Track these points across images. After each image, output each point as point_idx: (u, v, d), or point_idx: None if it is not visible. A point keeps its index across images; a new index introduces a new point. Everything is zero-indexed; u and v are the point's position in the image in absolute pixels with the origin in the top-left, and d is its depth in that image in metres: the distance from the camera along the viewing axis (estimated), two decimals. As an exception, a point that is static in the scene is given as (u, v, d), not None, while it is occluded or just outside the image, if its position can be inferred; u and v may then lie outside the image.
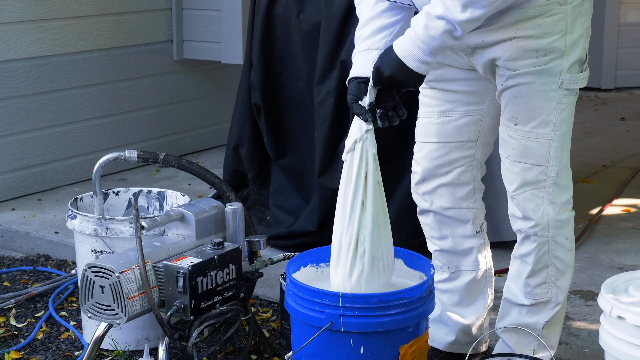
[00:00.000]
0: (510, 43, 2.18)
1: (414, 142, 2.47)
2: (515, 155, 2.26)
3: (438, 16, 2.04)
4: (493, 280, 2.56)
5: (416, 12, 2.21)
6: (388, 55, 2.12)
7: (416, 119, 2.46)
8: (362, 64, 2.20)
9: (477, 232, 2.48)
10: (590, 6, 2.24)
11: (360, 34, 2.25)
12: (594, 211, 3.80)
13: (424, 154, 2.43)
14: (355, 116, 2.15)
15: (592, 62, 2.29)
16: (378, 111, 2.14)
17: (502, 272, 3.09)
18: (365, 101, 2.15)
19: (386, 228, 2.18)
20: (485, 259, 2.52)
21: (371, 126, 2.13)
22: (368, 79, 2.16)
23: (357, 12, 2.30)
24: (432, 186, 2.44)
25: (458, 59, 2.32)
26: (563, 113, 2.22)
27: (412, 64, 2.09)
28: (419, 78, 2.12)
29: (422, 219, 2.51)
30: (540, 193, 2.26)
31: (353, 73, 2.22)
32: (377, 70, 2.13)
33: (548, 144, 2.23)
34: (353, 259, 2.14)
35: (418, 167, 2.45)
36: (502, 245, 3.22)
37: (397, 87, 2.14)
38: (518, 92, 2.21)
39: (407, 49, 2.08)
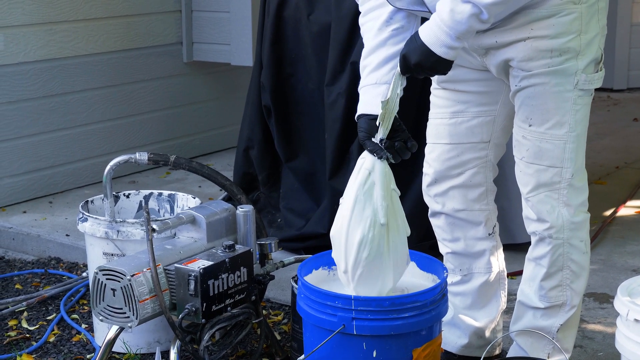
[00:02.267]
0: (524, 43, 2.15)
1: (425, 144, 2.45)
2: (529, 156, 2.24)
3: (464, 0, 2.02)
4: (506, 282, 2.54)
5: (423, 21, 2.19)
6: (414, 42, 2.09)
7: (427, 121, 2.45)
8: (371, 100, 2.19)
9: (489, 234, 2.46)
10: (606, 5, 2.21)
11: (366, 64, 2.23)
12: (608, 213, 3.78)
13: (435, 155, 2.41)
14: (365, 151, 2.14)
15: (604, 63, 2.26)
16: (396, 143, 2.13)
17: (515, 274, 3.07)
18: (377, 137, 2.13)
19: (396, 222, 2.16)
20: (498, 261, 2.50)
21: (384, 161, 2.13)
22: (378, 116, 2.15)
23: (362, 32, 2.27)
24: (443, 188, 2.42)
25: (471, 60, 2.30)
26: (578, 114, 2.20)
27: (439, 50, 2.06)
28: (447, 64, 2.09)
29: (433, 221, 2.49)
30: (555, 195, 2.24)
31: (362, 109, 2.20)
32: (404, 58, 2.10)
33: (563, 145, 2.21)
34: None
35: (429, 168, 2.43)
36: (515, 247, 3.20)
37: (425, 74, 2.13)
38: (532, 93, 2.19)
39: (433, 35, 2.05)
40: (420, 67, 2.09)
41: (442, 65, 2.09)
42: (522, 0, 2.11)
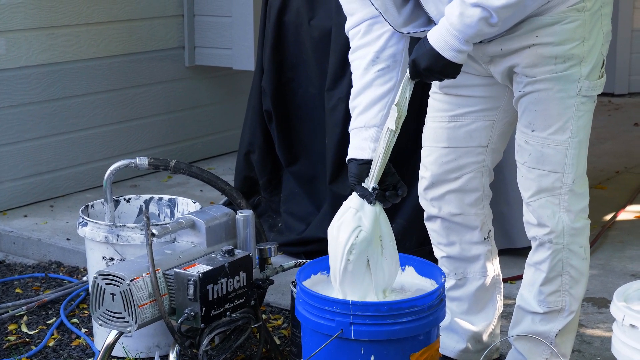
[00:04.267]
0: (529, 50, 2.16)
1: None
2: (531, 161, 2.25)
3: (473, 4, 2.01)
4: (502, 286, 2.55)
5: (411, 48, 2.20)
6: (423, 47, 2.09)
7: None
8: (360, 143, 2.21)
9: (484, 239, 2.47)
10: (610, 11, 2.22)
11: (355, 105, 2.25)
12: (607, 217, 3.78)
13: (433, 158, 2.42)
14: (354, 194, 2.17)
15: (605, 68, 2.27)
16: (387, 193, 2.17)
17: (513, 279, 3.08)
18: (368, 183, 2.17)
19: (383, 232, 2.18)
20: (493, 265, 2.51)
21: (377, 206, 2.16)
22: (368, 160, 2.18)
23: (351, 69, 2.28)
24: (440, 192, 2.43)
25: (476, 67, 2.31)
26: (581, 120, 2.21)
27: (448, 54, 2.07)
28: (456, 68, 2.10)
29: (429, 225, 2.50)
30: (556, 200, 2.24)
31: (352, 154, 2.23)
32: (413, 63, 2.12)
33: (565, 151, 2.21)
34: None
35: (426, 172, 2.44)
36: (515, 252, 3.21)
37: (434, 78, 2.14)
38: (536, 99, 2.20)
39: (442, 39, 2.06)
40: (429, 72, 2.10)
41: (451, 69, 2.10)
42: (530, 7, 2.11)
